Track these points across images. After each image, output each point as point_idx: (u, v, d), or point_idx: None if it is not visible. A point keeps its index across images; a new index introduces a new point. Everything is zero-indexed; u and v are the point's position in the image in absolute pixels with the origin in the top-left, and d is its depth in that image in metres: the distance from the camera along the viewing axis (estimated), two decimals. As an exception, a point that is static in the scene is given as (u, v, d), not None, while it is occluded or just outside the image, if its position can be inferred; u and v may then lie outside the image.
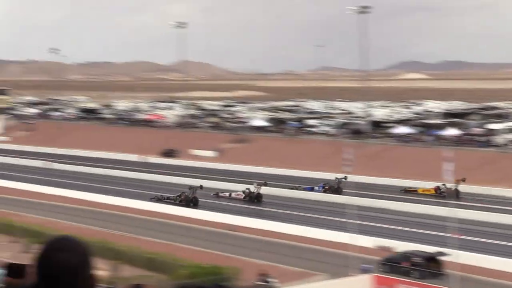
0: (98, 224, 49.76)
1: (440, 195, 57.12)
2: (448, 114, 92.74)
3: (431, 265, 36.98)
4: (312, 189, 64.01)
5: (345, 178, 53.39)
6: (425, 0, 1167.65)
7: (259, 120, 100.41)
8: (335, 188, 62.16)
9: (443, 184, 55.41)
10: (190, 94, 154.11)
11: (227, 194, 61.99)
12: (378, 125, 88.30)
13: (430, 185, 60.55)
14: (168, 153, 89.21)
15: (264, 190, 60.99)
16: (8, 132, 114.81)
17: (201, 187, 59.54)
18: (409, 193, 61.98)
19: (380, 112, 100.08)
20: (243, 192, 61.00)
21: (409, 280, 34.79)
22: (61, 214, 53.55)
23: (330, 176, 63.58)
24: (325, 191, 62.85)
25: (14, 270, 3.57)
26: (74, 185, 67.62)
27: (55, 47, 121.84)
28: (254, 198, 60.26)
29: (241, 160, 79.96)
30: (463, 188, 57.31)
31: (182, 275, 34.35)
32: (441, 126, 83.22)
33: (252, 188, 60.90)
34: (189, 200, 58.22)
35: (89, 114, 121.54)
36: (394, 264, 37.39)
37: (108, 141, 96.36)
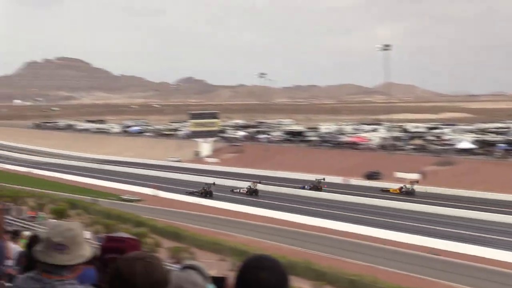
0: (301, 245, 50.57)
1: (403, 194, 76.59)
2: None
3: None
4: None
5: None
6: None
7: (465, 142, 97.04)
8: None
9: (405, 185, 77.94)
10: (394, 116, 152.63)
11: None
12: None
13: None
14: (372, 176, 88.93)
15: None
16: (217, 154, 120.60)
17: (214, 183, 79.89)
18: (384, 192, 78.24)
19: None
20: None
21: None
22: (265, 234, 54.99)
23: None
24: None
25: (216, 281, 3.98)
26: (278, 206, 69.35)
27: (263, 71, 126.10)
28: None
29: (445, 183, 78.13)
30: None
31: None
32: None
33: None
34: (206, 192, 77.20)
35: (294, 136, 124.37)
36: None
37: (312, 163, 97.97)
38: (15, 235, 12.25)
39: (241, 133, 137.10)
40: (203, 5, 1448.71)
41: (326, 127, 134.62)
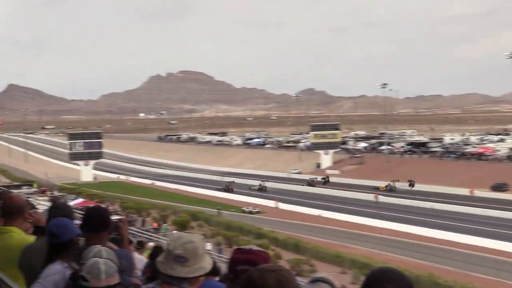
0: (424, 258, 49.58)
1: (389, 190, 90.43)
2: None
3: None
4: None
5: None
6: None
7: None
8: None
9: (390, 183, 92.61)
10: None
11: None
12: None
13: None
14: (499, 187, 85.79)
15: None
16: (338, 166, 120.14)
17: (233, 182, 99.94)
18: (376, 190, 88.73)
19: None
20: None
21: None
22: (387, 247, 54.28)
23: None
24: None
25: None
26: (399, 218, 68.28)
27: (384, 82, 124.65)
28: None
29: None
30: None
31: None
32: None
33: None
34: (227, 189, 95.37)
35: (417, 147, 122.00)
36: None
37: (436, 175, 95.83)
38: (139, 246, 12.79)
39: (362, 144, 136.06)
40: (324, 16, 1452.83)
41: (451, 138, 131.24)
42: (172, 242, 3.71)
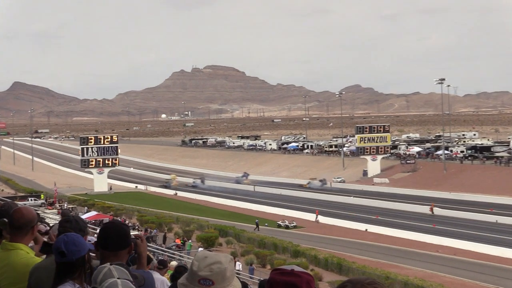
0: (490, 280, 49.03)
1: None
2: None
3: None
4: None
5: None
6: None
7: None
8: None
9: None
10: None
11: None
12: None
13: None
14: None
15: None
16: (387, 174, 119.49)
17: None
18: None
19: None
20: None
21: None
22: (444, 267, 53.71)
23: None
24: None
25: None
26: (458, 234, 67.63)
27: (441, 77, 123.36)
28: None
29: None
30: None
31: None
32: None
33: None
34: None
35: (480, 152, 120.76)
36: None
37: (504, 183, 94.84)
38: (161, 265, 12.90)
39: (415, 148, 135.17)
40: (373, 2, 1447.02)
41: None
42: (196, 262, 3.73)
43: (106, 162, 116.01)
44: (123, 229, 5.14)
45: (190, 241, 59.09)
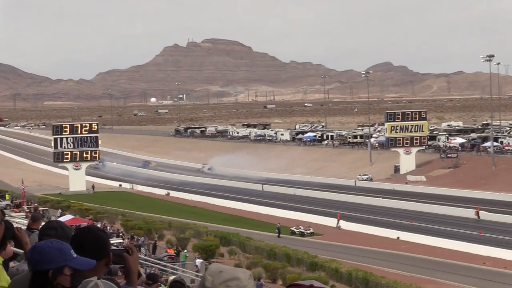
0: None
1: None
2: None
3: None
4: None
5: None
6: None
7: None
8: None
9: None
10: None
11: None
12: None
13: None
14: None
15: None
16: (424, 170, 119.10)
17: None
18: None
19: None
20: None
21: None
22: (492, 282, 53.86)
23: None
24: None
25: None
26: (509, 243, 67.54)
27: (490, 53, 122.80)
28: None
29: None
30: None
31: None
32: None
33: None
34: None
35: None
36: None
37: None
38: (150, 280, 12.94)
39: (458, 140, 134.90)
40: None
41: None
42: (210, 277, 3.77)
43: (84, 155, 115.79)
44: (100, 236, 5.08)
45: (185, 251, 59.18)
